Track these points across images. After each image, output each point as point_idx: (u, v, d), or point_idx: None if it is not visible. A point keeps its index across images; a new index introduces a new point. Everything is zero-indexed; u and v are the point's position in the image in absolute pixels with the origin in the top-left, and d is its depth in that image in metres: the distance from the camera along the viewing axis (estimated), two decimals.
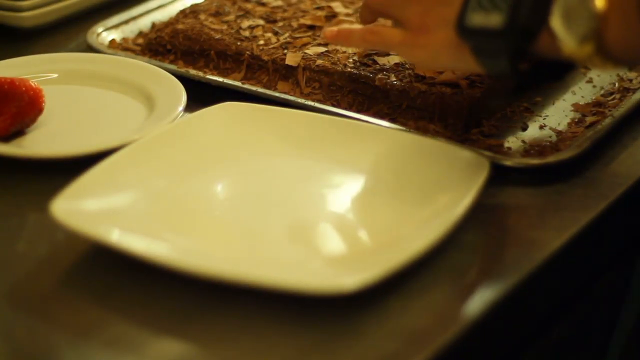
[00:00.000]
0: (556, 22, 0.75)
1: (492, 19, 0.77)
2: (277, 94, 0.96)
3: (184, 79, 0.97)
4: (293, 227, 0.80)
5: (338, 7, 1.06)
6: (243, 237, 0.79)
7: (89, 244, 0.78)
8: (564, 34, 0.75)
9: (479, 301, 0.75)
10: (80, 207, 0.78)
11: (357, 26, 0.91)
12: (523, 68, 0.79)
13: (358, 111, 0.93)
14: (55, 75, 1.00)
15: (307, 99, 0.95)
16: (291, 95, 0.96)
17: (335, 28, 0.90)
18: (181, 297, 0.74)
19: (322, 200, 0.84)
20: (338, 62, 0.96)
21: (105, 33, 1.07)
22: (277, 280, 0.72)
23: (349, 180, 0.86)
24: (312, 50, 0.98)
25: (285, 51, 0.98)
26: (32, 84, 0.90)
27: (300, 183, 0.85)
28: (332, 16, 1.04)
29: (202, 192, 0.84)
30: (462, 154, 0.84)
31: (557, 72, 0.81)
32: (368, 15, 0.90)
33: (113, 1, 1.15)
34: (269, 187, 0.85)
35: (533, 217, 0.84)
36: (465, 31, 0.79)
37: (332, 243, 0.79)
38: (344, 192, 0.85)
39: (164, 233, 0.78)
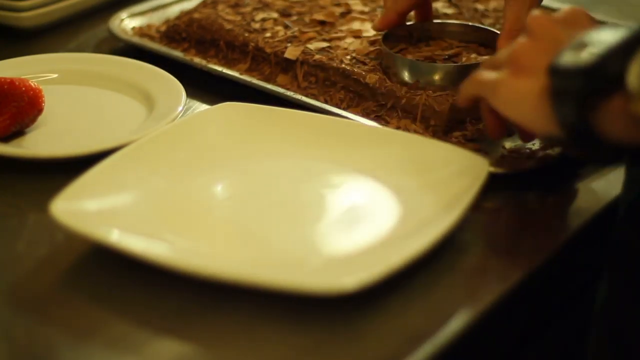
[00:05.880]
0: (633, 78, 0.72)
1: (583, 57, 0.75)
2: (270, 87, 0.97)
3: (186, 69, 0.97)
4: (293, 227, 0.80)
5: (356, 4, 1.06)
6: (243, 237, 0.79)
7: (89, 244, 0.78)
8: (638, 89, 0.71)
9: (478, 301, 0.75)
10: (80, 208, 0.78)
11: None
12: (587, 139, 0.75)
13: (347, 107, 0.93)
14: (55, 75, 1.00)
15: (304, 93, 0.96)
16: (289, 88, 0.97)
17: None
18: (181, 297, 0.74)
19: (322, 200, 0.84)
20: (335, 58, 0.96)
21: (128, 20, 1.09)
22: (277, 280, 0.72)
23: (348, 180, 0.86)
24: (313, 45, 0.98)
25: (289, 44, 0.99)
26: (32, 84, 0.90)
27: (300, 183, 0.85)
28: (346, 13, 1.05)
29: (202, 192, 0.84)
30: (462, 155, 0.84)
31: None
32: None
33: (113, 2, 1.15)
34: (269, 187, 0.85)
35: (532, 218, 0.84)
36: (553, 69, 0.76)
37: (332, 243, 0.79)
38: (343, 192, 0.85)
39: (164, 233, 0.78)
